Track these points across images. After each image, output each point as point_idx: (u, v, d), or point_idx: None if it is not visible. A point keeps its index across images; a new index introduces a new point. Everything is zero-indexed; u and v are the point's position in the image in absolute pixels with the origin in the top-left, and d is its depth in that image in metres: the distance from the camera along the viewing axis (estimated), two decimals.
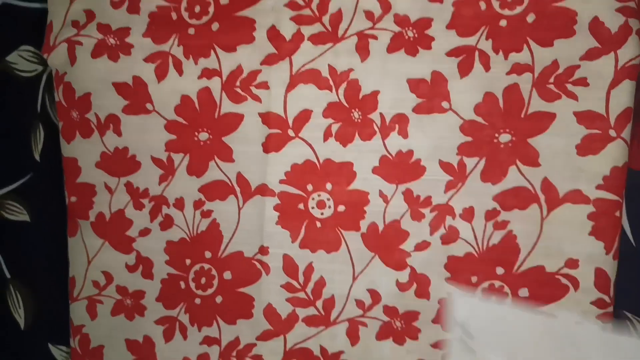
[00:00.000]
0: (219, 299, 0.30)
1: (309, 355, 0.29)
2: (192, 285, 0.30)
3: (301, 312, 0.29)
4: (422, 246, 0.27)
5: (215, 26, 0.28)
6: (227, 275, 0.30)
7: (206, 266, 0.30)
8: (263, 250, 0.29)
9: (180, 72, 0.29)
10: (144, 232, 0.30)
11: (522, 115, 0.26)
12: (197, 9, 0.28)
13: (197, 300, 0.30)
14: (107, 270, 0.31)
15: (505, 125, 0.26)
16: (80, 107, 0.30)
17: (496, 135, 0.26)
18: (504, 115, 0.26)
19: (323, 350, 0.29)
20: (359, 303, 0.28)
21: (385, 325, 0.28)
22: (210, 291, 0.30)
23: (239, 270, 0.30)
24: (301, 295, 0.29)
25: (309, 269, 0.29)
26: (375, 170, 0.28)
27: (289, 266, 0.29)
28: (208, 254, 0.30)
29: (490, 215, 0.27)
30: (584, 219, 0.26)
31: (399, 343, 0.28)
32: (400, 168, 0.27)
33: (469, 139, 0.27)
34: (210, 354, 0.30)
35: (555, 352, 0.26)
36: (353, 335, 0.29)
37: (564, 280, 0.26)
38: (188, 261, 0.30)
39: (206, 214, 0.29)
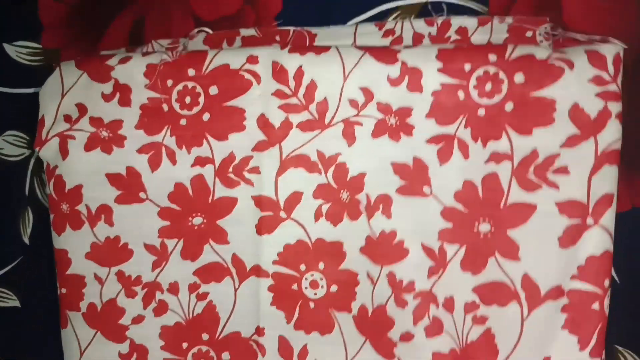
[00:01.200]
0: None
1: None
2: None
3: None
4: (406, 337, 0.28)
5: (206, 116, 0.30)
6: (226, 356, 0.30)
7: (204, 348, 0.30)
8: (259, 331, 0.30)
9: (173, 161, 0.30)
10: (137, 319, 0.30)
11: (502, 206, 0.27)
12: (188, 99, 0.30)
13: None
14: None
15: (485, 215, 0.27)
16: (70, 199, 0.31)
17: (476, 224, 0.27)
18: (483, 204, 0.27)
19: None
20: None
21: None
22: None
23: (237, 352, 0.30)
24: None
25: (304, 351, 0.29)
26: (362, 250, 0.28)
27: (284, 348, 0.29)
28: (205, 336, 0.30)
29: (469, 307, 0.27)
30: (557, 311, 0.26)
31: None
32: (384, 249, 0.28)
33: (450, 225, 0.27)
34: None
35: None
36: None
37: None
38: (185, 344, 0.30)
39: (202, 296, 0.30)
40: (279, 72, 0.29)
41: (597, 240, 0.26)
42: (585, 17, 0.30)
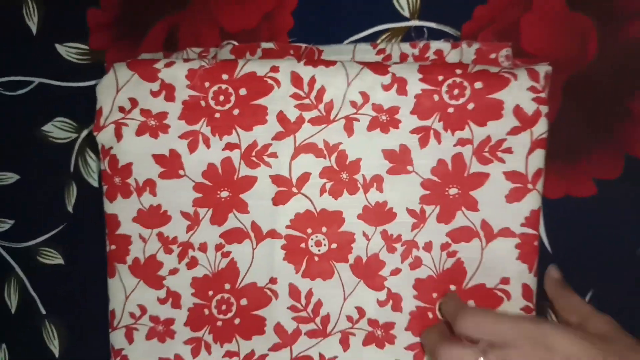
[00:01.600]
0: (237, 321, 0.37)
1: None
2: (215, 311, 0.37)
3: (304, 328, 0.36)
4: (395, 272, 0.36)
5: (236, 111, 0.36)
6: (244, 301, 0.37)
7: (226, 295, 0.37)
8: (273, 280, 0.36)
9: (208, 146, 0.36)
10: (173, 271, 0.37)
11: (465, 175, 0.35)
12: (222, 98, 0.36)
13: (219, 323, 0.37)
14: (141, 304, 0.37)
15: (454, 182, 0.35)
16: (122, 174, 0.36)
17: (447, 189, 0.35)
18: (452, 175, 0.35)
19: (322, 356, 0.36)
20: (349, 318, 0.36)
21: (369, 334, 0.36)
22: (229, 315, 0.37)
23: (253, 297, 0.36)
24: (303, 314, 0.36)
25: (309, 293, 0.36)
26: (359, 217, 0.36)
27: (293, 292, 0.36)
28: (227, 286, 0.36)
29: (444, 246, 0.35)
30: (513, 248, 0.34)
31: (380, 347, 0.36)
32: (378, 214, 0.35)
33: (428, 192, 0.35)
34: None
35: None
36: (345, 343, 0.36)
37: (499, 294, 0.35)
38: (211, 292, 0.37)
39: (226, 254, 0.36)
40: (295, 79, 0.35)
41: (535, 199, 0.34)
42: (538, 44, 0.37)
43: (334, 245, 0.36)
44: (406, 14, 0.38)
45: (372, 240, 0.36)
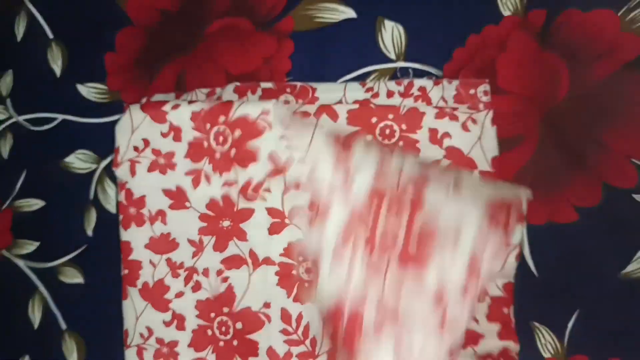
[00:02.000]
0: (235, 343, 0.39)
1: None
2: (217, 332, 0.40)
3: (294, 350, 0.39)
4: None
5: (233, 152, 0.39)
6: (239, 325, 0.39)
7: (224, 318, 0.40)
8: (267, 305, 0.39)
9: (209, 182, 0.39)
10: (179, 294, 0.40)
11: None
12: (221, 139, 0.39)
13: (221, 344, 0.40)
14: (149, 326, 0.40)
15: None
16: (137, 205, 0.40)
17: None
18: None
19: None
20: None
21: None
22: (229, 337, 0.39)
23: (248, 322, 0.39)
24: (294, 337, 0.39)
25: (299, 316, 0.39)
26: None
27: (285, 316, 0.39)
28: (225, 309, 0.39)
29: None
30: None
31: None
32: None
33: None
34: None
35: None
36: None
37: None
38: (212, 314, 0.40)
39: (224, 279, 0.39)
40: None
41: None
42: (513, 82, 0.40)
43: None
44: (392, 56, 0.42)
45: None
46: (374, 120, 0.39)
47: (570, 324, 0.38)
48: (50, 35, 0.48)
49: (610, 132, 0.39)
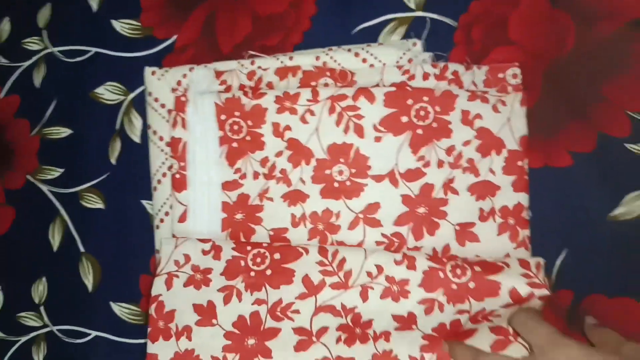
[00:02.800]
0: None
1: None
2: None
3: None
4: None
5: (268, 272, 0.40)
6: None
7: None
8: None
9: (240, 299, 0.40)
10: None
11: (460, 331, 0.38)
12: (258, 260, 0.40)
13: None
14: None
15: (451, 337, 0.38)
16: (166, 319, 0.41)
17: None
18: (451, 333, 0.38)
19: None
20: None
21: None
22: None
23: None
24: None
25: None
26: None
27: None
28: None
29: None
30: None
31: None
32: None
33: (427, 342, 0.38)
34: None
35: None
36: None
37: None
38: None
39: None
40: (322, 250, 0.40)
41: (518, 349, 0.37)
42: (523, 35, 0.42)
43: None
44: (412, 6, 0.45)
45: None
46: (409, 102, 0.41)
47: (558, 262, 0.41)
48: None
49: (609, 85, 0.42)
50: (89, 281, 0.48)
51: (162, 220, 0.45)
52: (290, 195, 0.42)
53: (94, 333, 0.47)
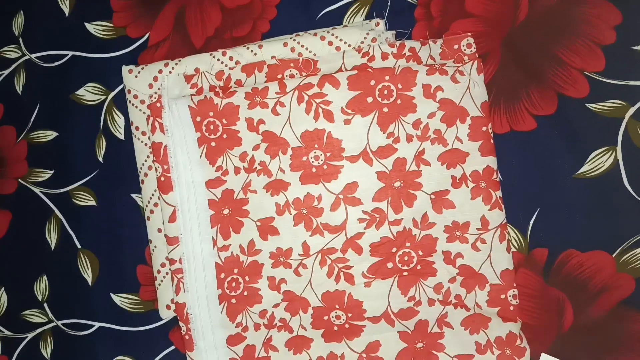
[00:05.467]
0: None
1: None
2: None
3: None
4: None
5: None
6: None
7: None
8: None
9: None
10: None
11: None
12: None
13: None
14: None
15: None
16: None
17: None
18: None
19: None
20: None
21: None
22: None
23: None
24: None
25: None
26: None
27: None
28: None
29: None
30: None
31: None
32: None
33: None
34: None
35: None
36: None
37: None
38: None
39: None
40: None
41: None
42: (479, 6, 0.44)
43: None
44: None
45: None
46: (372, 83, 0.42)
47: (531, 222, 0.43)
48: None
49: (564, 48, 0.44)
50: (88, 275, 0.51)
51: (152, 212, 0.47)
52: (272, 185, 0.44)
53: (97, 324, 0.50)
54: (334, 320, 0.44)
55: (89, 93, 0.51)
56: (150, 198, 0.47)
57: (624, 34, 0.42)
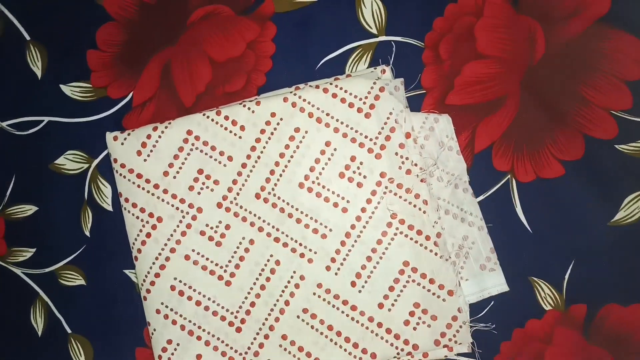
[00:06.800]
0: None
1: None
2: None
3: None
4: None
5: None
6: None
7: None
8: None
9: None
10: None
11: None
12: None
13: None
14: None
15: None
16: None
17: None
18: None
19: None
20: None
21: None
22: None
23: None
24: None
25: None
26: None
27: None
28: None
29: None
30: None
31: None
32: None
33: None
34: None
35: None
36: None
37: None
38: None
39: None
40: None
41: None
42: (492, 46, 0.41)
43: None
44: (374, 31, 0.43)
45: None
46: None
47: (567, 275, 0.40)
48: (27, 37, 0.47)
49: (587, 86, 0.40)
50: None
51: (148, 291, 0.43)
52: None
53: None
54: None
55: (69, 161, 0.46)
56: (146, 276, 0.43)
57: None
